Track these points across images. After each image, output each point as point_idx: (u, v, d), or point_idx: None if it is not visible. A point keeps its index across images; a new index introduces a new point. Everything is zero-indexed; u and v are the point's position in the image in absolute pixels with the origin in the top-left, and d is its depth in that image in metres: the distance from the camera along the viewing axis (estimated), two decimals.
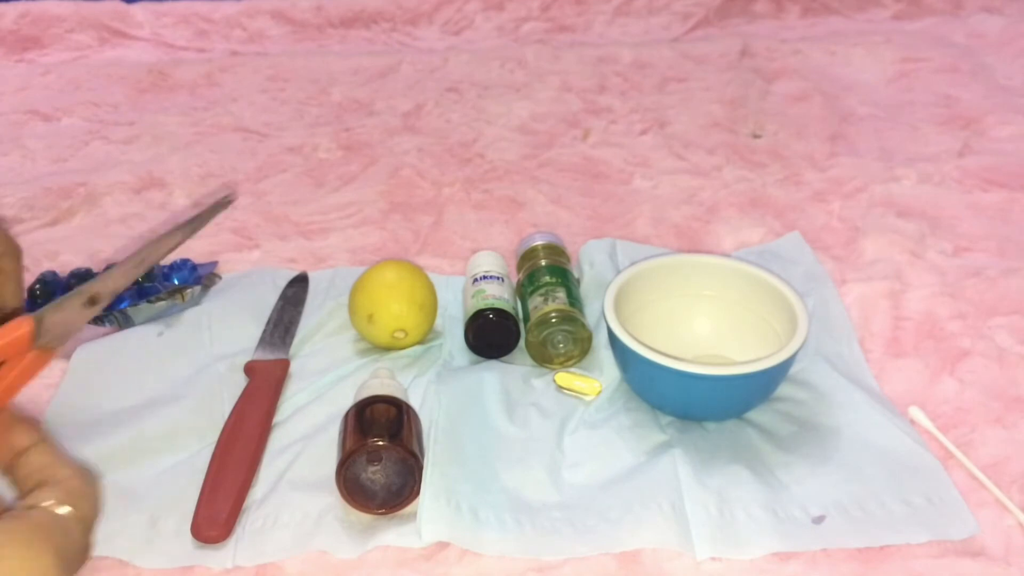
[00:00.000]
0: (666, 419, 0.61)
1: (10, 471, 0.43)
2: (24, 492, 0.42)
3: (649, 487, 0.56)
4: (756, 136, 0.98)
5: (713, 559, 0.52)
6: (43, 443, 0.43)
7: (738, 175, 0.90)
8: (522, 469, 0.58)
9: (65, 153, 0.99)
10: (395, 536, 0.54)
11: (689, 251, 0.78)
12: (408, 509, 0.55)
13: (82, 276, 0.73)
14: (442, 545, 0.53)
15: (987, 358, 0.66)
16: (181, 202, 0.89)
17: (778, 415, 0.61)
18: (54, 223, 0.87)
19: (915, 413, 0.61)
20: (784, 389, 0.62)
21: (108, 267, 0.73)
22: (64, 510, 0.41)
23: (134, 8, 1.26)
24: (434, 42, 1.25)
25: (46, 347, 0.44)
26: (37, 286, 0.72)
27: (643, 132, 1.00)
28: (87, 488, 0.42)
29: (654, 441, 0.59)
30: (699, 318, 0.67)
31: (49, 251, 0.82)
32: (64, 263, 0.79)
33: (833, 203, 0.85)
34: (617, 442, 0.60)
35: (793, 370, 0.63)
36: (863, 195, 0.86)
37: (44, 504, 0.41)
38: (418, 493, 0.55)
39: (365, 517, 0.55)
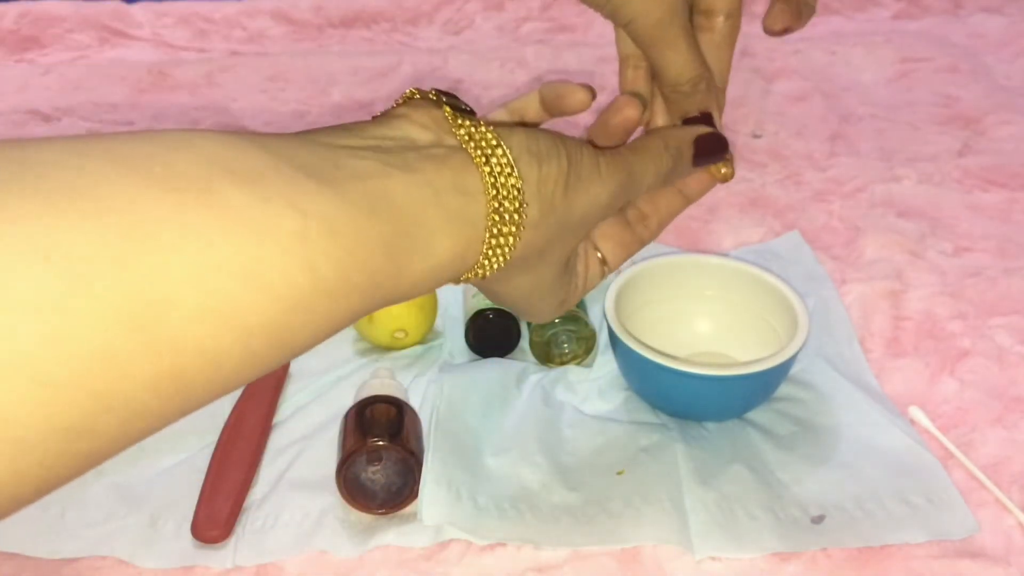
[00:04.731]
0: (666, 418, 0.61)
1: None
2: None
3: (650, 482, 0.56)
4: (756, 136, 0.98)
5: (713, 559, 0.52)
6: None
7: (738, 175, 0.90)
8: (522, 459, 0.58)
9: None
10: (395, 536, 0.54)
11: (689, 251, 0.78)
12: (408, 509, 0.55)
13: None
14: (442, 545, 0.53)
15: (987, 358, 0.66)
16: None
17: (778, 415, 0.61)
18: None
19: (915, 413, 0.61)
20: (784, 389, 0.62)
21: None
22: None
23: (134, 8, 1.26)
24: (434, 42, 1.25)
25: None
26: None
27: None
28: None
29: (654, 437, 0.59)
30: (699, 318, 0.67)
31: None
32: None
33: (833, 203, 0.85)
34: (619, 435, 0.60)
35: (793, 370, 0.63)
36: (863, 195, 0.86)
37: None
38: (418, 494, 0.55)
39: (365, 517, 0.55)
